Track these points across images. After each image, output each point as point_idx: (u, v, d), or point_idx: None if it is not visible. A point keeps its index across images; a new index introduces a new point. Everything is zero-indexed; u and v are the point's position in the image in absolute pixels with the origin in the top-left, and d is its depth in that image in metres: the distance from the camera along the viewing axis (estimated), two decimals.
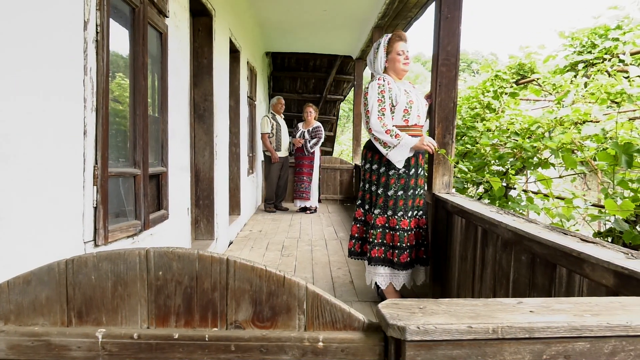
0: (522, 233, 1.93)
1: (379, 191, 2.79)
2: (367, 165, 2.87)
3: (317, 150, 6.96)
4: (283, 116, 7.11)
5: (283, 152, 6.90)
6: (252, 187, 6.93)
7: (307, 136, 6.83)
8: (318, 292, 0.89)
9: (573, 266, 1.58)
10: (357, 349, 0.87)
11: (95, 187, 1.75)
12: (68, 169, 1.63)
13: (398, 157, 2.68)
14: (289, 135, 7.14)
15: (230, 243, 5.00)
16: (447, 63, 3.08)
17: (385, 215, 2.79)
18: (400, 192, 2.74)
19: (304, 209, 7.07)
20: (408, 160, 2.73)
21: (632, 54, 3.47)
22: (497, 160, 4.13)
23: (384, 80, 2.75)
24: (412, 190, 2.75)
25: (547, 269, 1.80)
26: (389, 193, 2.76)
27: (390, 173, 2.74)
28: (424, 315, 0.86)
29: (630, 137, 2.59)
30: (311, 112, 6.86)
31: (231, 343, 0.87)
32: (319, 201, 7.13)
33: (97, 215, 1.77)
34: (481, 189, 4.40)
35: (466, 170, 4.37)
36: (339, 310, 0.89)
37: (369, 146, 2.86)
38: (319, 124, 6.90)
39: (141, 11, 2.11)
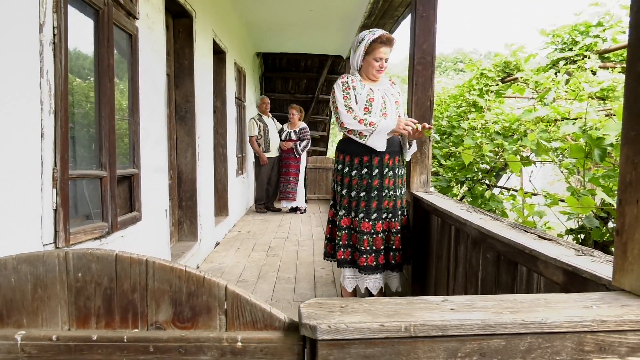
0: (486, 231, 1.92)
1: (343, 192, 2.77)
2: (335, 166, 2.88)
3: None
4: (271, 115, 7.05)
5: (273, 153, 6.83)
6: (242, 188, 6.92)
7: (293, 137, 6.81)
8: (238, 292, 0.89)
9: (529, 264, 1.57)
10: (276, 349, 0.87)
11: (54, 189, 1.75)
12: (25, 172, 1.63)
13: (377, 143, 2.66)
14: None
15: (217, 244, 5.00)
16: (423, 62, 3.07)
17: (350, 217, 2.77)
18: (362, 194, 2.70)
19: (293, 210, 7.07)
20: (370, 160, 2.70)
21: (607, 52, 3.46)
22: (480, 159, 4.13)
23: (347, 78, 2.75)
24: (375, 192, 2.70)
25: (509, 267, 1.79)
26: (352, 194, 2.73)
27: (353, 174, 2.72)
28: (342, 314, 0.86)
29: (602, 134, 2.59)
30: (294, 113, 6.84)
31: (150, 344, 0.87)
32: (306, 201, 7.13)
33: (57, 218, 1.76)
34: (465, 188, 4.40)
35: (450, 168, 4.38)
36: (260, 310, 0.89)
37: (339, 147, 2.87)
38: (304, 125, 6.88)
39: (105, 13, 2.11)
